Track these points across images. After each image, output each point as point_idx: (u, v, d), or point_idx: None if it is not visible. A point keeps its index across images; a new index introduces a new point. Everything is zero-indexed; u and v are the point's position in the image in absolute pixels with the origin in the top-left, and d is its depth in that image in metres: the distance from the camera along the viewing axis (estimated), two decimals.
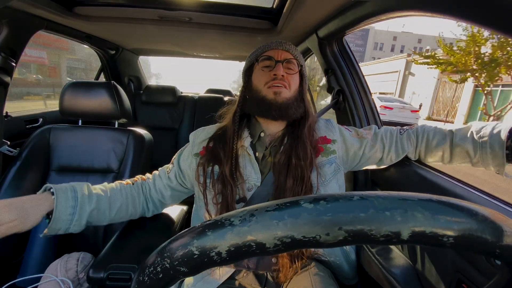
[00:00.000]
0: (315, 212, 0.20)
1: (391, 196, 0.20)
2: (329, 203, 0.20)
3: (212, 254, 0.20)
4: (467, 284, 0.52)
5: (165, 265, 0.21)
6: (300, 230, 0.19)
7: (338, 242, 0.19)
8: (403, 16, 0.72)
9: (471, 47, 9.66)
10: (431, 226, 0.19)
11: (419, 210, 0.19)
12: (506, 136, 0.60)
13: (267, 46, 0.75)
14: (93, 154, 1.08)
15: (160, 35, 1.56)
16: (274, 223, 0.20)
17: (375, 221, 0.19)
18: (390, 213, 0.19)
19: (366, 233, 0.19)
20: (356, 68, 1.12)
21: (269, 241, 0.19)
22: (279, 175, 0.69)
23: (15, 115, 1.33)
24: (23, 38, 1.07)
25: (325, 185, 0.72)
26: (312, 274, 0.68)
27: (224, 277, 0.69)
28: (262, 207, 0.21)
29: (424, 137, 0.76)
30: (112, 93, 1.09)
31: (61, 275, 0.77)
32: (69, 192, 0.67)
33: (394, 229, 0.19)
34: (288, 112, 0.70)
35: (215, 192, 0.70)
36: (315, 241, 0.19)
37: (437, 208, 0.20)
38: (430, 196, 0.20)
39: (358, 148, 0.79)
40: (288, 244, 0.20)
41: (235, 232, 0.20)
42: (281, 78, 0.70)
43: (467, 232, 0.19)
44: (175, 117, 2.10)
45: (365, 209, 0.19)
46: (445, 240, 0.19)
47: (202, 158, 0.74)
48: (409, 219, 0.19)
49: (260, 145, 0.75)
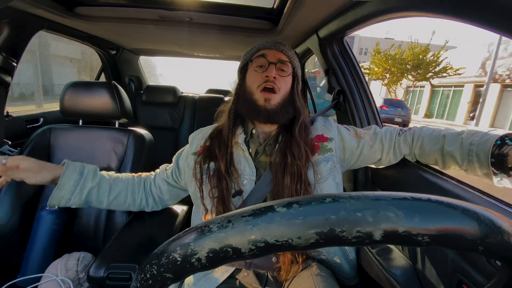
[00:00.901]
0: (288, 216, 0.20)
1: (364, 196, 0.20)
2: (302, 206, 0.20)
3: (193, 260, 0.20)
4: (467, 284, 0.52)
5: (153, 271, 0.22)
6: (273, 234, 0.19)
7: (310, 244, 0.20)
8: (404, 16, 0.72)
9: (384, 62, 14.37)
10: (403, 225, 0.19)
11: (391, 210, 0.19)
12: (492, 145, 0.59)
13: (262, 45, 0.77)
14: (93, 154, 1.08)
15: (161, 35, 1.56)
16: (248, 228, 0.20)
17: (346, 222, 0.19)
18: (362, 214, 0.19)
19: (337, 235, 0.19)
20: (357, 68, 1.12)
21: (244, 246, 0.20)
22: (277, 173, 0.70)
23: (16, 115, 1.33)
24: (24, 38, 1.07)
25: (322, 182, 0.72)
26: (314, 274, 0.68)
27: (224, 276, 0.69)
28: (239, 213, 0.21)
29: (419, 141, 0.76)
30: (113, 93, 1.09)
31: (61, 275, 0.77)
32: (77, 166, 0.79)
33: (365, 230, 0.19)
34: (277, 118, 0.73)
35: (211, 186, 0.72)
36: (288, 244, 0.20)
37: (411, 206, 0.19)
38: (404, 195, 0.20)
39: (356, 148, 0.79)
40: (262, 249, 0.20)
41: (213, 238, 0.20)
42: (273, 80, 0.71)
43: (443, 231, 0.19)
44: (175, 117, 2.11)
45: (336, 211, 0.19)
46: (420, 239, 0.19)
47: (199, 156, 0.76)
48: (380, 220, 0.19)
49: (253, 142, 0.77)
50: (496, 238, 0.20)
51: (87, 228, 1.03)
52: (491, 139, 0.60)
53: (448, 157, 0.68)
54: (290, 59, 0.76)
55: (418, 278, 0.66)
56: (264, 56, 0.74)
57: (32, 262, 0.89)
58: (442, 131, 0.72)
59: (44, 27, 1.13)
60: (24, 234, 0.97)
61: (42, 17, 1.09)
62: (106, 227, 1.01)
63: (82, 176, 0.77)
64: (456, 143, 0.66)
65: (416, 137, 0.77)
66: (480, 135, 0.63)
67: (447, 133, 0.71)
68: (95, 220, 1.03)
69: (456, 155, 0.66)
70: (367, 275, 0.75)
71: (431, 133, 0.75)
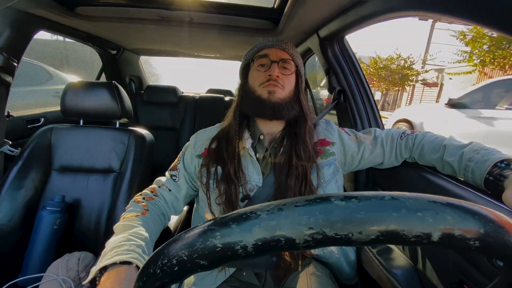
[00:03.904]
0: (348, 210, 0.19)
1: (421, 197, 0.20)
2: (361, 201, 0.20)
3: (237, 247, 0.19)
4: (469, 285, 0.52)
5: (182, 257, 0.20)
6: (333, 227, 0.19)
7: (370, 240, 0.19)
8: (404, 16, 0.72)
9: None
10: (459, 227, 0.19)
11: (448, 212, 0.19)
12: (490, 166, 0.57)
13: (263, 45, 0.75)
14: (94, 154, 1.08)
15: (161, 35, 1.56)
16: (304, 218, 0.19)
17: (407, 221, 0.19)
18: (422, 214, 0.19)
19: (398, 233, 0.19)
20: (357, 68, 1.12)
21: (299, 237, 0.19)
22: (280, 175, 0.69)
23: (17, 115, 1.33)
24: (24, 38, 1.07)
25: (324, 186, 0.72)
26: (308, 274, 0.68)
27: (224, 275, 0.69)
28: (290, 202, 0.20)
29: (419, 147, 0.75)
30: (113, 93, 1.09)
31: (62, 275, 0.77)
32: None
33: (425, 230, 0.19)
34: (282, 112, 0.70)
35: (219, 192, 0.70)
36: (347, 238, 0.19)
37: (464, 210, 0.20)
38: (459, 201, 0.20)
39: (356, 152, 0.79)
40: (319, 241, 0.19)
41: (263, 226, 0.19)
42: (276, 79, 0.70)
43: (486, 235, 0.19)
44: (176, 117, 2.10)
45: (397, 209, 0.19)
46: (471, 243, 0.19)
47: (205, 159, 0.74)
48: (439, 221, 0.19)
49: (261, 147, 0.75)
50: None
51: (87, 228, 1.03)
52: (491, 159, 0.57)
53: (447, 167, 0.67)
54: (293, 57, 0.74)
55: (419, 278, 0.66)
56: (266, 55, 0.73)
57: (33, 261, 0.90)
58: (445, 141, 0.70)
59: (45, 27, 1.13)
60: (25, 234, 0.97)
61: (43, 17, 1.10)
62: (106, 227, 1.02)
63: None
64: (456, 156, 0.65)
65: (417, 143, 0.75)
66: (482, 153, 0.61)
67: (449, 143, 0.68)
68: (95, 220, 1.03)
69: (454, 166, 0.65)
70: (367, 275, 0.75)
71: (433, 140, 0.73)
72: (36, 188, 1.02)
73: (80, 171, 1.08)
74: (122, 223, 0.60)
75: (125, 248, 0.50)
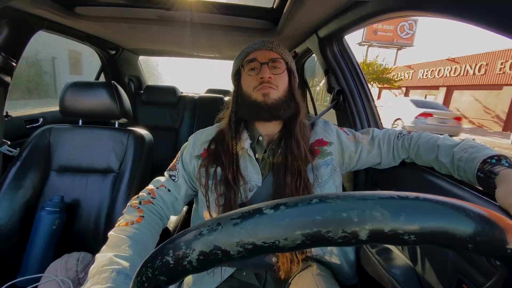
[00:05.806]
0: (275, 218, 0.20)
1: (351, 196, 0.20)
2: (289, 208, 0.20)
3: (185, 263, 0.21)
4: (467, 284, 0.52)
5: (148, 274, 0.22)
6: (260, 236, 0.20)
7: (297, 246, 0.20)
8: (403, 16, 0.72)
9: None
10: (389, 224, 0.19)
11: (377, 209, 0.19)
12: (478, 163, 0.57)
13: (251, 48, 0.75)
14: (93, 154, 1.08)
15: (161, 35, 1.56)
16: (237, 230, 0.20)
17: (331, 223, 0.19)
18: (347, 214, 0.19)
19: (323, 235, 0.19)
20: (357, 68, 1.12)
21: (233, 248, 0.20)
22: (278, 174, 0.70)
23: (16, 115, 1.33)
24: (23, 38, 1.07)
25: (322, 186, 0.72)
26: (314, 274, 0.68)
27: (224, 275, 0.69)
28: (228, 216, 0.21)
29: (415, 148, 0.75)
30: (112, 93, 1.09)
31: (61, 275, 0.77)
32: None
33: (350, 230, 0.19)
34: (279, 112, 0.71)
35: (218, 194, 0.70)
36: (275, 246, 0.20)
37: (398, 205, 0.19)
38: (391, 194, 0.20)
39: (354, 152, 0.79)
40: (251, 250, 0.20)
41: (203, 241, 0.20)
42: (268, 80, 0.70)
43: (431, 229, 0.19)
44: (175, 117, 2.10)
45: (322, 211, 0.20)
46: (406, 238, 0.19)
47: (204, 160, 0.74)
48: (366, 219, 0.19)
49: (259, 148, 0.75)
50: (487, 236, 0.19)
51: (86, 228, 1.03)
52: (478, 157, 0.58)
53: (442, 166, 0.68)
54: (281, 55, 0.74)
55: (418, 278, 0.66)
56: (254, 58, 0.72)
57: (32, 262, 0.89)
58: (438, 140, 0.70)
59: (44, 27, 1.13)
60: (24, 234, 0.97)
61: (42, 17, 1.09)
62: (105, 227, 1.01)
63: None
64: (448, 156, 0.65)
65: (413, 143, 0.75)
66: (470, 151, 0.61)
67: (442, 143, 0.69)
68: (94, 220, 1.03)
69: (448, 167, 0.65)
70: (366, 275, 0.75)
71: (428, 140, 0.73)
72: (35, 188, 1.02)
73: (79, 171, 1.07)
74: (115, 234, 0.58)
75: (106, 275, 0.49)
